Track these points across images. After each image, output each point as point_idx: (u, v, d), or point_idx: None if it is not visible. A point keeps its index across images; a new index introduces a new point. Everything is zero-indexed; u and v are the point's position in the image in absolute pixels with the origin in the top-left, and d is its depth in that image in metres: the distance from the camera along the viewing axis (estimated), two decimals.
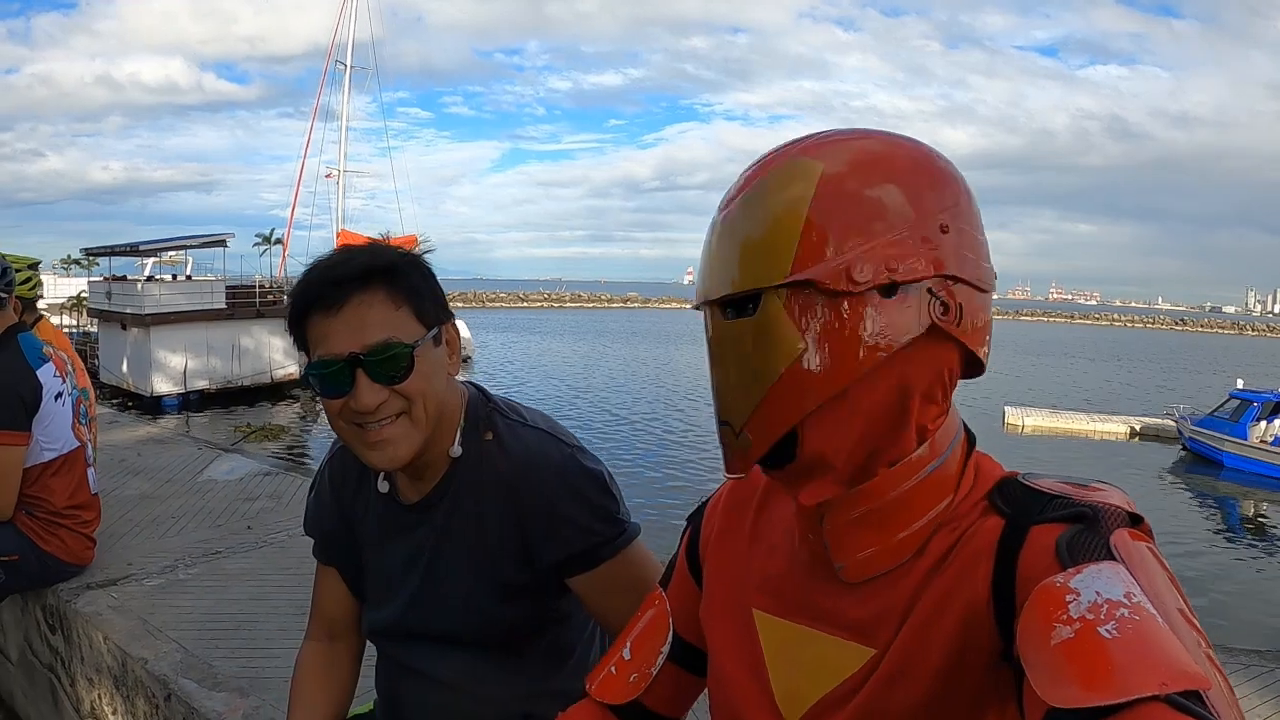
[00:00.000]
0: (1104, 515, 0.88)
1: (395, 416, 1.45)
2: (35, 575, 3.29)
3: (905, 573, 1.02)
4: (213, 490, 4.86)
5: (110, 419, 7.12)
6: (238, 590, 3.37)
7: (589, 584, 1.60)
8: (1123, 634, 0.74)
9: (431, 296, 1.51)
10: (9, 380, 3.13)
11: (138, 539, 3.95)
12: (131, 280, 34.81)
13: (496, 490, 1.57)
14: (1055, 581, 0.82)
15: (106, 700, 3.02)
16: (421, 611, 1.66)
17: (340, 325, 1.42)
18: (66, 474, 3.32)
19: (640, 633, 1.37)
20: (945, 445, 1.03)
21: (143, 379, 32.51)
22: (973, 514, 1.01)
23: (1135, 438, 33.76)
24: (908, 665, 1.00)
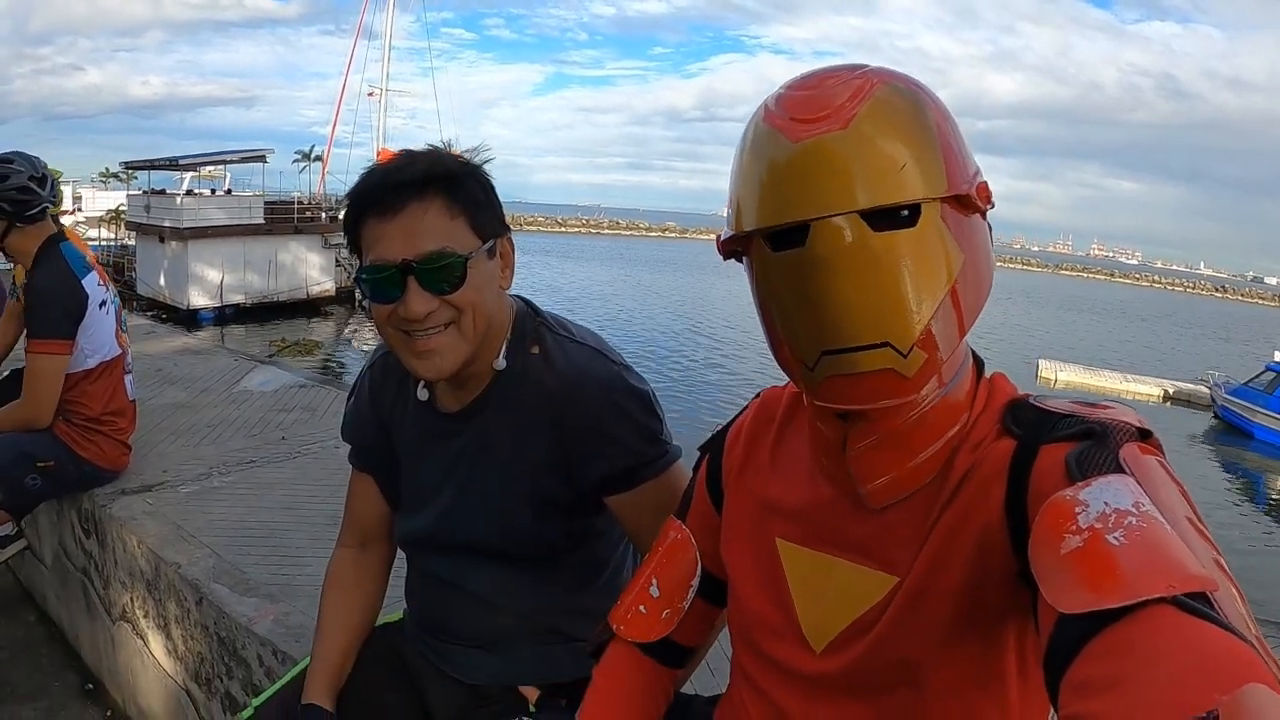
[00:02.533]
0: (1113, 431, 0.89)
1: (444, 326, 1.43)
2: (72, 481, 3.33)
3: (924, 499, 1.05)
4: (248, 401, 4.88)
5: (147, 329, 7.14)
6: (270, 499, 3.39)
7: (628, 503, 1.58)
8: (1130, 540, 0.75)
9: (489, 208, 1.48)
10: (55, 289, 3.14)
11: (173, 447, 3.97)
12: (170, 194, 34.95)
13: (540, 404, 1.56)
14: (1064, 495, 0.84)
15: (139, 603, 3.06)
16: (454, 522, 1.65)
17: (395, 230, 1.40)
18: (105, 380, 3.34)
19: (665, 567, 1.38)
20: (956, 367, 1.05)
21: (179, 292, 32.79)
22: (987, 437, 1.03)
23: (1168, 401, 33.59)
24: (927, 589, 1.03)
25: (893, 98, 0.97)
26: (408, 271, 1.39)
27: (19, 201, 3.14)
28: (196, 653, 2.70)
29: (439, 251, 1.39)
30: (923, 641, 1.03)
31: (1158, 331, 68.54)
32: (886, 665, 1.07)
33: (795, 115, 0.97)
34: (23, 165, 3.17)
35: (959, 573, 1.00)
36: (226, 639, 2.52)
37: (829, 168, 0.94)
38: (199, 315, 32.35)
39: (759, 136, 1.01)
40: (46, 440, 3.22)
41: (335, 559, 1.85)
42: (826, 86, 0.98)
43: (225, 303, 33.25)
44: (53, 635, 3.81)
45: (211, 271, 32.78)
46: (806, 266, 0.97)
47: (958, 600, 1.00)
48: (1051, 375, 34.74)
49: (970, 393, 1.07)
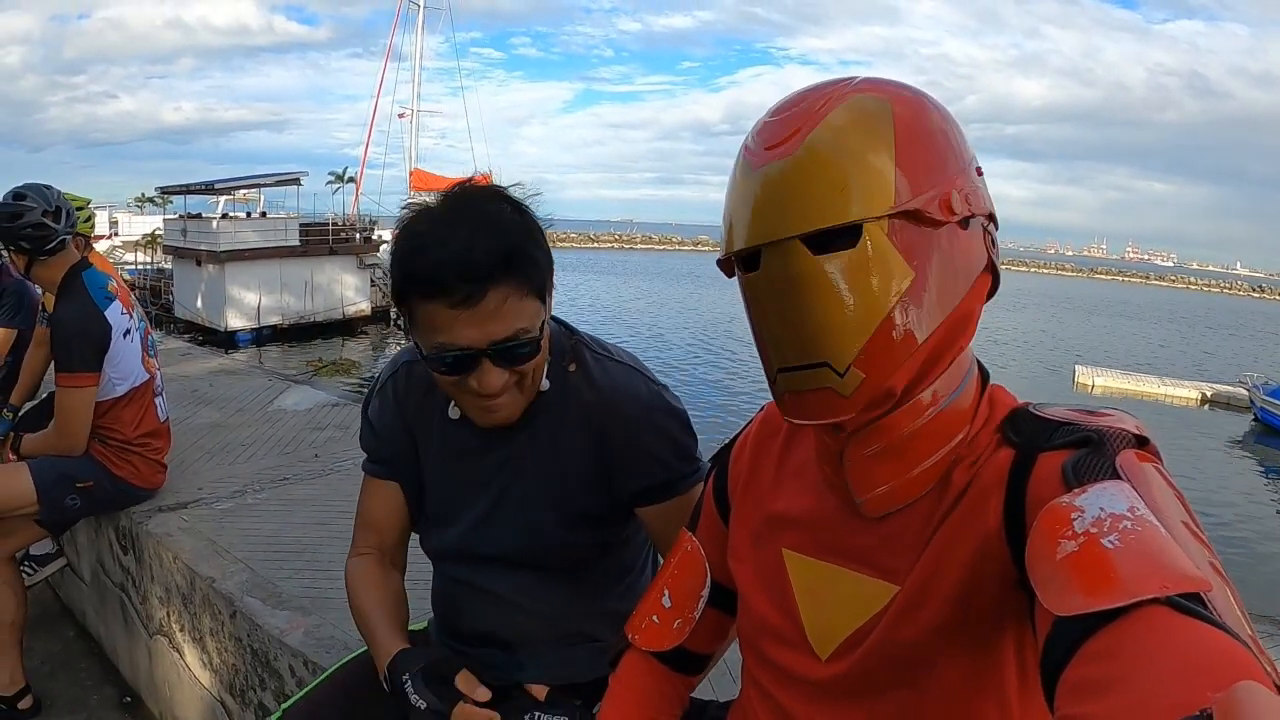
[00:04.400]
0: (1109, 438, 0.90)
1: (510, 388, 1.48)
2: (109, 499, 3.40)
3: (925, 509, 1.06)
4: (282, 420, 4.95)
5: (183, 351, 7.26)
6: (303, 515, 3.45)
7: (659, 514, 1.63)
8: (1125, 543, 0.76)
9: (546, 260, 1.47)
10: (79, 323, 3.20)
11: (208, 465, 4.05)
12: (206, 218, 35.34)
13: (579, 421, 1.59)
14: (1061, 501, 0.85)
15: (175, 617, 3.12)
16: (487, 535, 1.68)
17: (469, 319, 1.38)
18: (136, 405, 3.41)
19: (677, 578, 1.42)
20: (960, 378, 1.06)
21: (217, 314, 33.09)
22: (987, 447, 1.04)
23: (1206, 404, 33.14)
24: (925, 596, 1.04)
25: (847, 116, 0.99)
26: (482, 354, 1.40)
27: (36, 238, 3.21)
28: (231, 665, 2.75)
29: (515, 335, 1.40)
30: (920, 647, 1.05)
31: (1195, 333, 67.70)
32: (886, 670, 1.09)
33: (760, 142, 1.02)
34: (35, 201, 3.23)
35: (957, 580, 1.01)
36: (260, 651, 2.57)
37: (775, 195, 0.99)
38: (237, 337, 32.62)
39: (737, 163, 1.06)
40: (84, 461, 3.30)
41: (355, 564, 1.77)
42: (794, 111, 1.01)
43: (262, 324, 33.50)
44: (91, 650, 3.89)
45: (248, 294, 33.08)
46: (760, 289, 1.04)
47: (955, 607, 1.02)
48: (1088, 381, 34.38)
49: (973, 404, 1.08)
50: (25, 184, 3.30)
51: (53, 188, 3.35)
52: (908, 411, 1.03)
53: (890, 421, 1.04)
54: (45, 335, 3.94)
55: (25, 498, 3.16)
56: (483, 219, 1.41)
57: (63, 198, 3.37)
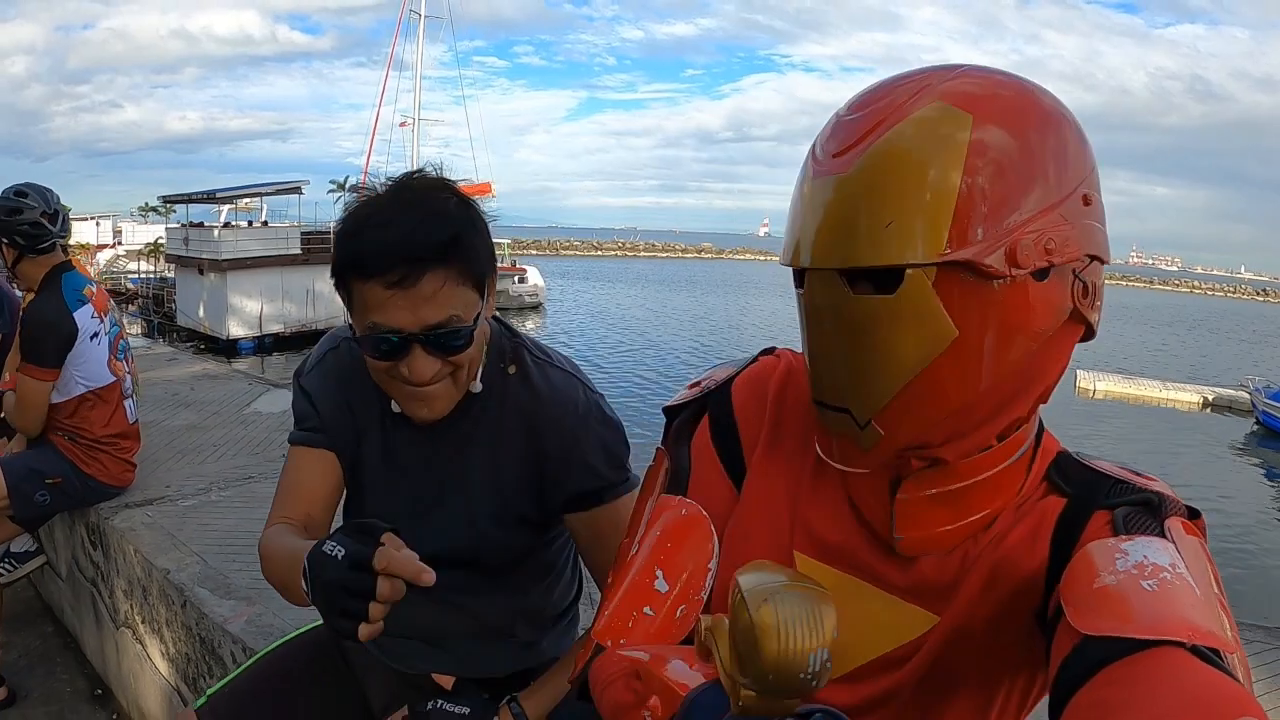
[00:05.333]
0: (1166, 503, 0.90)
1: (443, 378, 1.46)
2: (78, 496, 3.53)
3: (967, 545, 1.01)
4: (256, 422, 5.06)
5: (169, 356, 7.37)
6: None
7: (587, 521, 1.62)
8: (1161, 590, 0.77)
9: (487, 254, 1.46)
10: (48, 321, 3.34)
11: (179, 464, 4.16)
12: (208, 227, 35.45)
13: (516, 424, 1.58)
14: (1107, 542, 0.85)
15: (137, 609, 3.24)
16: (420, 532, 1.53)
17: (403, 301, 1.37)
18: (102, 406, 3.54)
19: (673, 551, 1.12)
20: (1033, 430, 1.00)
21: (219, 323, 33.18)
22: (1034, 491, 1.00)
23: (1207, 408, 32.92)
24: (967, 631, 1.00)
25: (915, 130, 0.86)
26: (414, 339, 1.39)
27: (31, 235, 3.36)
28: (184, 654, 2.86)
29: (448, 321, 1.39)
30: (950, 683, 1.02)
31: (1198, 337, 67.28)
32: (908, 702, 1.04)
33: (827, 147, 0.91)
34: (36, 201, 3.38)
35: (990, 616, 0.98)
36: (206, 639, 2.68)
37: (823, 215, 0.89)
38: (239, 345, 32.65)
39: (804, 163, 0.95)
40: (54, 458, 3.43)
41: (271, 531, 1.56)
42: (868, 111, 0.89)
43: (264, 332, 33.55)
44: (67, 645, 4.01)
45: (250, 302, 33.16)
46: (805, 309, 0.95)
47: (990, 644, 0.99)
48: (1089, 385, 34.17)
49: (1028, 458, 1.01)
50: (28, 183, 3.43)
51: (53, 191, 3.49)
52: (981, 460, 0.96)
53: (962, 469, 0.96)
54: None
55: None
56: (426, 205, 1.41)
57: (60, 203, 3.51)
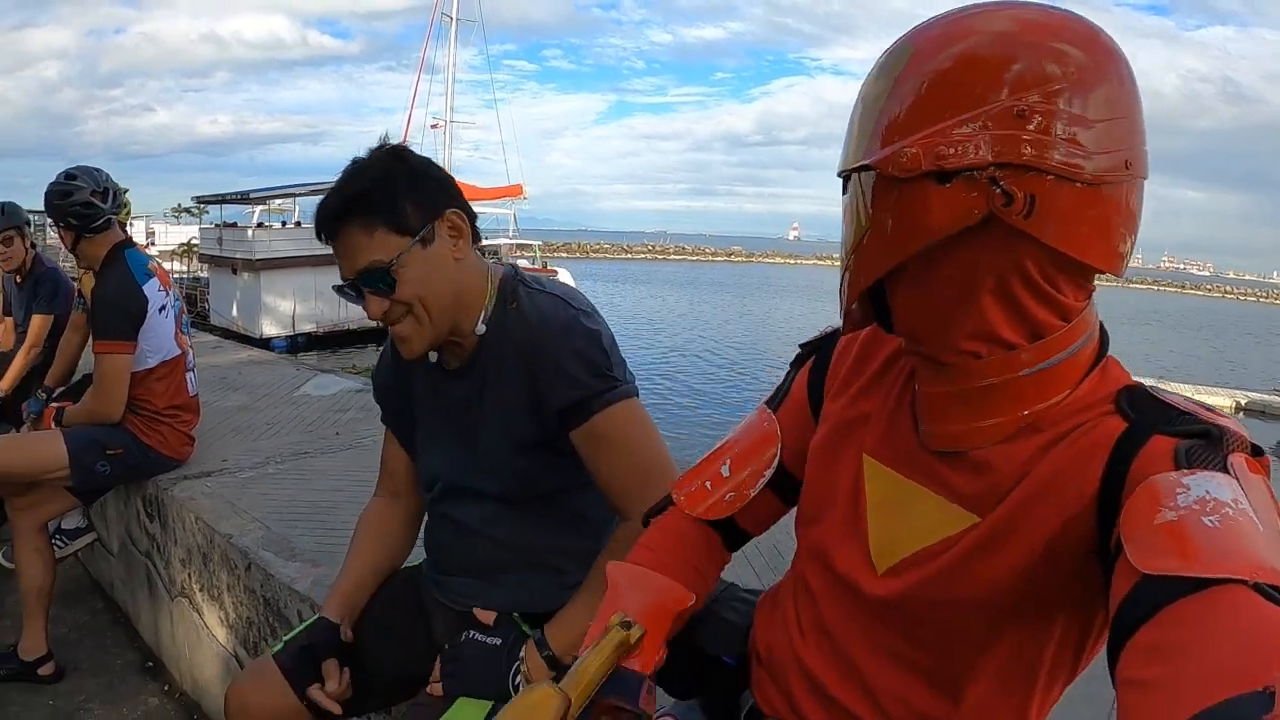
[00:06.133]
0: (1229, 436, 0.89)
1: (403, 317, 1.65)
2: (138, 467, 3.53)
3: (1019, 453, 1.03)
4: (307, 403, 5.06)
5: (214, 344, 7.39)
6: (321, 483, 3.54)
7: (583, 436, 1.70)
8: (1224, 526, 0.77)
9: (414, 202, 1.63)
10: (119, 295, 3.37)
11: (234, 440, 4.16)
12: (241, 227, 35.71)
13: (516, 353, 1.71)
14: (1169, 476, 0.85)
15: (195, 578, 3.23)
16: (457, 468, 1.84)
17: (338, 253, 1.64)
18: (167, 378, 3.55)
19: (745, 452, 1.38)
20: (1060, 349, 1.01)
21: (252, 322, 33.37)
22: (1095, 410, 1.00)
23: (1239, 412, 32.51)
24: (1002, 538, 1.02)
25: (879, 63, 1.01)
26: (357, 284, 1.63)
27: (84, 215, 3.41)
28: (245, 618, 2.85)
29: (366, 268, 1.61)
30: (979, 587, 1.03)
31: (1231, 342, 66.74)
32: (936, 600, 1.08)
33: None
34: (85, 181, 3.45)
35: (1041, 530, 0.99)
36: (271, 600, 2.67)
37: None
38: (271, 344, 32.67)
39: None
40: (115, 429, 3.43)
41: (367, 506, 2.07)
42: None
43: (297, 331, 33.69)
44: (117, 620, 4.01)
45: (283, 301, 33.33)
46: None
47: (1027, 554, 1.00)
48: None
49: (1081, 372, 1.03)
50: (76, 165, 3.50)
51: (102, 170, 3.55)
52: (983, 366, 1.02)
53: (965, 367, 1.03)
54: (81, 321, 4.09)
55: (58, 462, 3.29)
56: (350, 170, 1.65)
57: (110, 180, 3.57)
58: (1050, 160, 0.90)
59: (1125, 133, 0.93)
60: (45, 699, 3.31)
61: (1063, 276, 0.97)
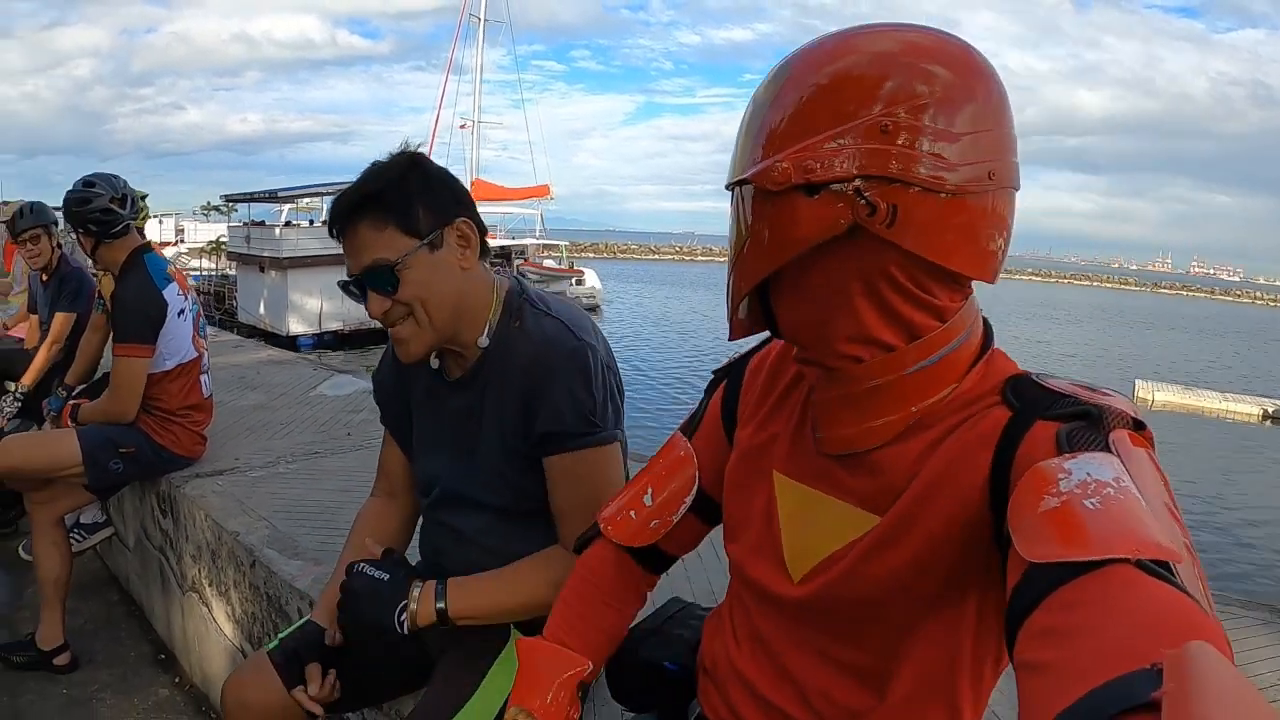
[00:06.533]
0: (1108, 414, 0.93)
1: (403, 318, 1.69)
2: (150, 465, 3.62)
3: (913, 450, 1.08)
4: (321, 404, 5.15)
5: (235, 344, 7.52)
6: (329, 483, 3.63)
7: (550, 464, 1.76)
8: (1105, 507, 0.80)
9: (426, 206, 1.68)
10: (138, 299, 3.47)
11: (247, 439, 4.26)
12: (269, 226, 35.88)
13: (517, 371, 1.75)
14: (1050, 463, 0.88)
15: (205, 573, 3.32)
16: (451, 475, 1.89)
17: (347, 249, 1.68)
18: (182, 379, 3.65)
19: (664, 479, 1.44)
20: (938, 347, 1.06)
21: (279, 320, 33.56)
22: (982, 402, 1.05)
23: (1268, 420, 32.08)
24: (899, 533, 1.07)
25: (762, 83, 1.09)
26: (361, 282, 1.67)
27: (103, 221, 3.51)
28: (250, 614, 2.93)
29: (371, 264, 1.64)
30: (886, 580, 1.08)
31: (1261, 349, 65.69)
32: (851, 598, 1.12)
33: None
34: (104, 188, 3.54)
35: (934, 524, 1.04)
36: (274, 597, 2.75)
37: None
38: (298, 342, 32.81)
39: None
40: (129, 429, 3.53)
41: (364, 506, 2.13)
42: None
43: (323, 329, 33.88)
44: (132, 612, 4.12)
45: (310, 300, 33.47)
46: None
47: (927, 549, 1.04)
48: (1148, 395, 33.40)
49: (961, 369, 1.08)
50: (95, 172, 3.61)
51: (119, 177, 3.65)
52: (867, 368, 1.07)
53: (850, 372, 1.09)
54: (101, 321, 4.21)
55: (72, 459, 3.39)
56: (368, 171, 1.70)
57: (129, 187, 3.67)
58: (915, 173, 0.96)
59: (990, 145, 0.99)
60: (60, 688, 3.42)
61: (931, 280, 1.03)
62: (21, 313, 6.20)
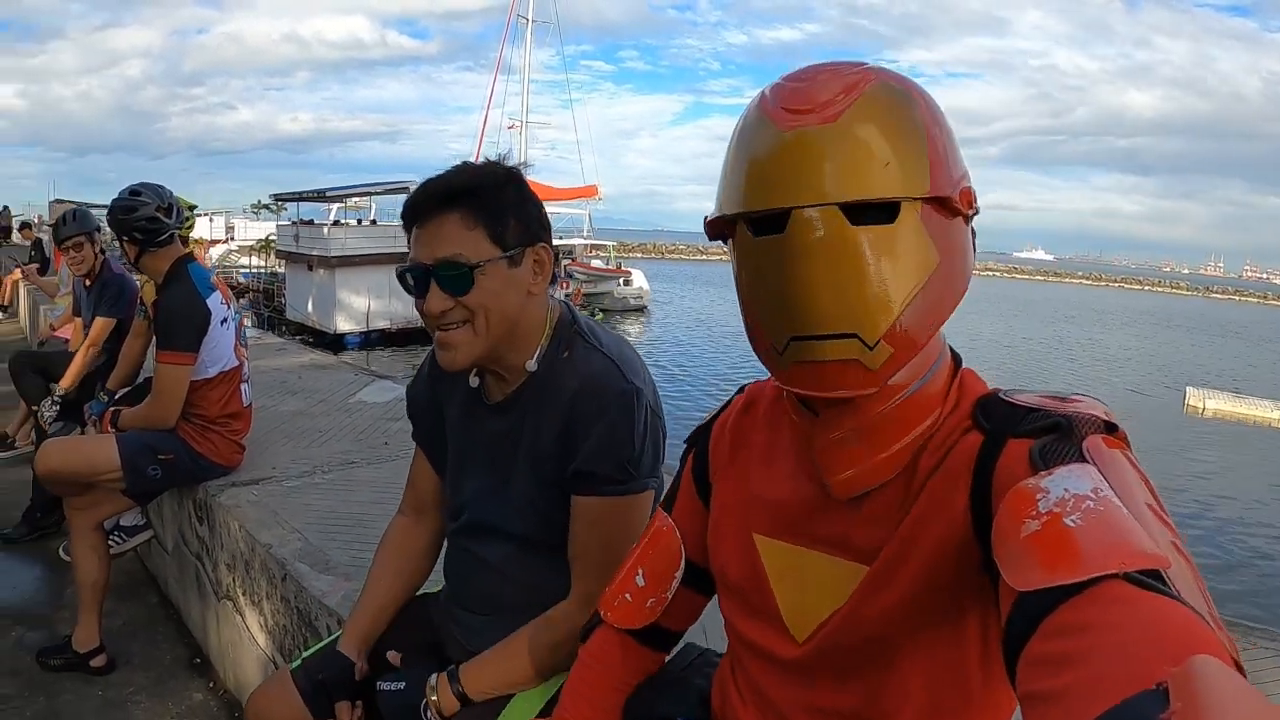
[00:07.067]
0: (1078, 423, 0.92)
1: (459, 324, 1.62)
2: (188, 473, 3.68)
3: (897, 493, 1.09)
4: (360, 410, 5.19)
5: (278, 346, 7.61)
6: (363, 494, 3.66)
7: (577, 505, 1.72)
8: (1087, 522, 0.78)
9: (518, 218, 1.63)
10: (184, 307, 3.53)
11: (285, 447, 4.30)
12: (318, 224, 36.22)
13: (559, 405, 1.70)
14: (1027, 484, 0.87)
15: (239, 582, 3.35)
16: (486, 504, 1.84)
17: (422, 237, 1.60)
18: (222, 388, 3.70)
19: (650, 557, 1.44)
20: (928, 366, 1.09)
21: (327, 318, 33.86)
22: (956, 431, 1.06)
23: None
24: (889, 576, 1.07)
25: (883, 95, 1.01)
26: (429, 274, 1.59)
27: (149, 230, 3.57)
28: (281, 625, 2.96)
29: (450, 259, 1.57)
30: (884, 626, 1.08)
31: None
32: (853, 649, 1.12)
33: (787, 106, 1.02)
34: (150, 197, 3.60)
35: (923, 561, 1.03)
36: (304, 611, 2.77)
37: (814, 159, 0.99)
38: (345, 340, 33.16)
39: (751, 123, 1.06)
40: (168, 436, 3.59)
41: (391, 525, 2.11)
42: (820, 80, 1.02)
43: (370, 328, 34.07)
44: (170, 615, 4.16)
45: (357, 298, 33.68)
46: (784, 253, 1.01)
47: (920, 587, 1.04)
48: (1199, 403, 32.84)
49: (944, 389, 1.10)
50: (141, 182, 3.66)
51: (165, 187, 3.71)
52: (876, 396, 1.06)
53: (858, 406, 1.07)
54: (143, 327, 4.28)
55: (110, 465, 3.45)
56: (463, 166, 1.67)
57: (174, 197, 3.73)
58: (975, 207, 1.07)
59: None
60: (96, 689, 3.46)
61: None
62: (67, 314, 6.33)
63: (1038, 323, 72.21)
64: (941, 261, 1.01)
